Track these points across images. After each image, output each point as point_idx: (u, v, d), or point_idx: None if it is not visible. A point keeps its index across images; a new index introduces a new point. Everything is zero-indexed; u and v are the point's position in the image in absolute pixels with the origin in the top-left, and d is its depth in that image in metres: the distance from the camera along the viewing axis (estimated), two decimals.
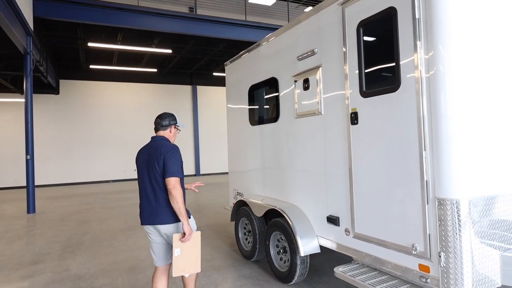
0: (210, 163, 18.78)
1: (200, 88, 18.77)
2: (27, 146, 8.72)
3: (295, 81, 3.94)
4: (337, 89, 3.33)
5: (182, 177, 2.90)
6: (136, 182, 3.25)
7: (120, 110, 16.79)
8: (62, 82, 15.63)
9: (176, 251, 2.72)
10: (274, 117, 4.42)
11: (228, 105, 5.74)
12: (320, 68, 3.54)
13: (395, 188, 2.75)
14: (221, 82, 18.55)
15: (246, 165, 5.16)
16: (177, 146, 2.95)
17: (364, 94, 3.01)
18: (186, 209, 2.83)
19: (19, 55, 8.97)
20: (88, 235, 6.38)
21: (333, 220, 3.41)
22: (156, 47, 12.37)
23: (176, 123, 3.18)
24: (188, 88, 18.58)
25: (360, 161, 3.07)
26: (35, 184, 14.70)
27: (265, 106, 4.77)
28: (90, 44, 11.00)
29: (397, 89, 2.71)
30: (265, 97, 4.72)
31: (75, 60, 14.61)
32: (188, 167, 18.29)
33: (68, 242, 5.93)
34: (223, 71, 17.57)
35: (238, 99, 5.38)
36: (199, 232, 2.86)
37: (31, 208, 8.76)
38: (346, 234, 3.27)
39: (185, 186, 3.20)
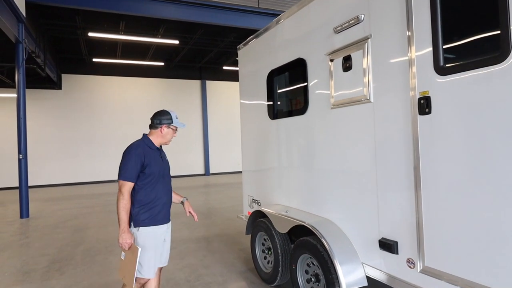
0: (220, 162, 17.96)
1: (209, 83, 17.92)
2: (20, 144, 7.94)
3: (331, 61, 3.03)
4: (395, 66, 2.42)
5: (143, 180, 2.66)
6: None
7: (126, 106, 16.03)
8: (64, 77, 14.91)
9: (122, 254, 2.66)
10: (301, 108, 3.52)
11: (242, 96, 4.85)
12: (369, 40, 2.63)
13: (502, 207, 1.83)
14: (231, 76, 17.71)
15: (264, 167, 4.27)
16: (135, 146, 2.69)
17: (442, 70, 2.09)
18: (153, 217, 2.69)
19: (13, 45, 8.21)
20: (81, 247, 5.58)
21: (388, 245, 2.50)
22: (162, 37, 11.52)
23: (171, 122, 2.85)
24: (197, 83, 17.75)
25: (434, 165, 2.16)
26: (36, 184, 14.26)
27: (288, 95, 3.87)
28: (90, 34, 10.20)
29: (503, 59, 1.79)
30: (289, 83, 3.83)
31: (77, 52, 13.89)
32: (197, 166, 17.53)
33: (57, 256, 5.13)
34: (234, 64, 16.64)
35: (254, 88, 4.49)
36: (138, 249, 2.52)
37: (24, 212, 8.00)
38: (410, 267, 2.36)
39: (185, 204, 3.12)
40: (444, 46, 2.09)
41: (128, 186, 2.59)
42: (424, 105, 2.20)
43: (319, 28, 3.19)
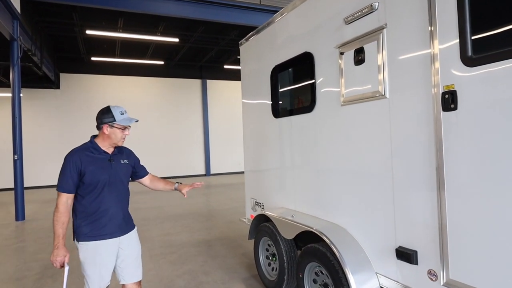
0: (221, 163, 17.74)
1: (210, 82, 17.70)
2: (15, 145, 7.77)
3: (341, 54, 2.81)
4: (414, 58, 2.20)
5: (83, 190, 2.40)
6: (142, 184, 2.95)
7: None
8: (63, 76, 14.69)
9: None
10: (307, 105, 3.30)
11: (244, 94, 4.64)
12: (384, 30, 2.41)
13: None
14: (232, 75, 17.49)
15: (268, 169, 4.06)
16: (71, 153, 2.43)
17: (471, 61, 1.87)
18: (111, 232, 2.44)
19: (8, 43, 8.00)
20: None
21: (406, 255, 2.27)
22: (161, 35, 11.29)
23: (113, 121, 2.47)
24: (197, 82, 17.53)
25: (459, 165, 1.94)
26: (33, 185, 14.03)
27: (294, 92, 3.66)
28: (88, 32, 9.99)
29: None
30: (295, 79, 3.62)
31: (75, 51, 13.67)
32: (198, 167, 17.33)
33: None
34: (235, 63, 16.36)
35: (257, 85, 4.27)
36: (65, 267, 2.32)
37: (19, 214, 7.80)
38: (431, 279, 2.14)
39: (179, 187, 2.89)
40: (473, 33, 1.86)
41: (63, 197, 2.33)
42: (449, 100, 1.97)
43: (328, 19, 2.97)
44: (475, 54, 1.85)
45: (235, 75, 17.40)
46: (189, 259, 4.80)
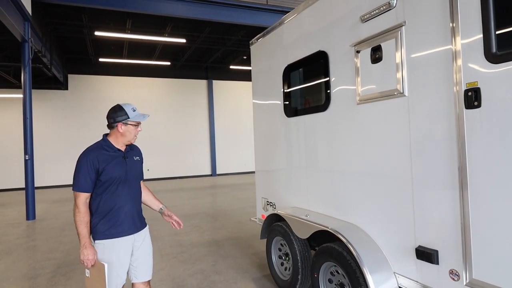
0: (227, 163, 17.75)
1: (216, 83, 17.73)
2: (26, 145, 7.80)
3: (357, 52, 2.79)
4: (434, 55, 2.17)
5: (99, 187, 2.40)
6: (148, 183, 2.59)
7: None
8: (71, 77, 14.82)
9: (86, 271, 2.40)
10: (322, 104, 3.28)
11: (255, 93, 4.63)
12: (403, 28, 2.39)
13: None
14: (238, 76, 17.53)
15: (280, 168, 4.04)
16: (87, 152, 2.41)
17: (495, 58, 1.84)
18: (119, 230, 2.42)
19: (19, 44, 8.07)
20: None
21: (427, 254, 2.25)
22: (169, 36, 11.33)
23: (127, 118, 2.46)
24: (203, 83, 17.57)
25: (484, 165, 1.91)
26: (43, 185, 14.17)
27: (307, 91, 3.64)
28: (97, 33, 10.05)
29: None
30: (308, 78, 3.60)
31: (83, 53, 13.76)
32: (204, 167, 17.35)
33: (63, 260, 4.94)
34: (241, 63, 16.35)
35: (268, 84, 4.26)
36: (103, 265, 2.29)
37: (30, 214, 7.85)
38: (453, 279, 2.11)
39: (164, 211, 2.77)
40: (497, 28, 1.84)
41: (82, 197, 2.34)
42: (472, 98, 1.95)
43: (343, 18, 2.95)
44: (500, 51, 1.83)
45: (241, 76, 17.44)
46: (200, 258, 4.80)
